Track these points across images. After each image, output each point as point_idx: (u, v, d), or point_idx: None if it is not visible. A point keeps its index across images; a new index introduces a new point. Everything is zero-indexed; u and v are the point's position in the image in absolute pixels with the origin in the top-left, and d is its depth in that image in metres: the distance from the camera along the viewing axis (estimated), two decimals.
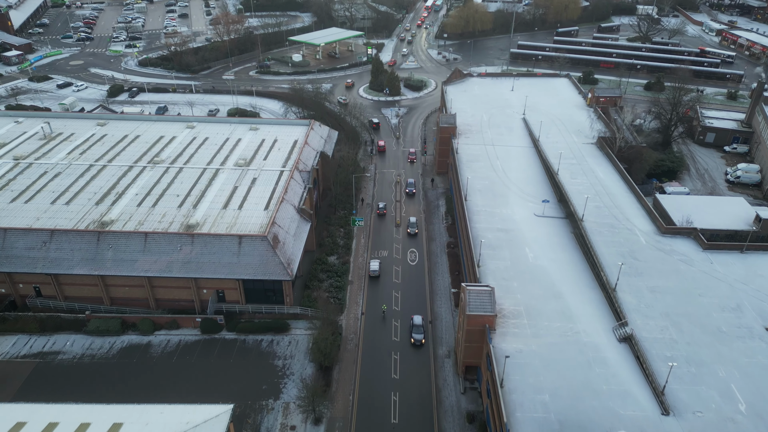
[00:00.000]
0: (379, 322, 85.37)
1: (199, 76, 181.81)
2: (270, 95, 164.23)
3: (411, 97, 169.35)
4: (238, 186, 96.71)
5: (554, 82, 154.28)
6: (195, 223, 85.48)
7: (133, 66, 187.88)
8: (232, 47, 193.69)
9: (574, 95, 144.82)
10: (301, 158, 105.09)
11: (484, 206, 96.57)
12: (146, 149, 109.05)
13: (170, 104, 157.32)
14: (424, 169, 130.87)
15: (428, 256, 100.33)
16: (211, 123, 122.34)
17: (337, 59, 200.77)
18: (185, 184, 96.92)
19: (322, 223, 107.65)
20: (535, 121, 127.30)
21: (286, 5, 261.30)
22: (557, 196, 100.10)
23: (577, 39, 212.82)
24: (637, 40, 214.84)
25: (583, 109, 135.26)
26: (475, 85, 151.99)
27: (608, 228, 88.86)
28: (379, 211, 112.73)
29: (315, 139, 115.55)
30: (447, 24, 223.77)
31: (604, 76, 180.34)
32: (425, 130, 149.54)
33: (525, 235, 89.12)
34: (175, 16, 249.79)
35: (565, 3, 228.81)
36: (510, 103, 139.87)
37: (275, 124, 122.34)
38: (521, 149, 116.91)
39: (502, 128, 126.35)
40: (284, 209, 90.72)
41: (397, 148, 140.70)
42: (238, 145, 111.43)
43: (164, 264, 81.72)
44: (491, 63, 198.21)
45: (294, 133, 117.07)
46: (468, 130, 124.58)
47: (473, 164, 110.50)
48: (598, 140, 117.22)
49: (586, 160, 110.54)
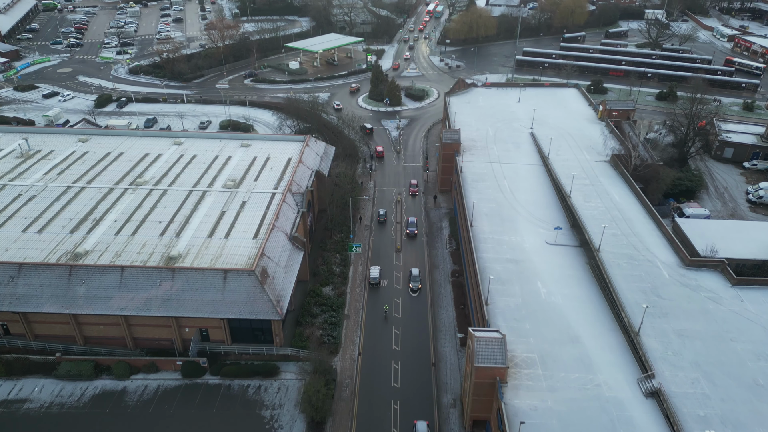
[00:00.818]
0: (377, 365, 78.13)
1: (191, 84, 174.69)
2: (265, 105, 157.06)
3: (412, 108, 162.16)
4: (225, 211, 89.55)
5: (563, 92, 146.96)
6: (177, 255, 78.28)
7: (123, 74, 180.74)
8: (226, 54, 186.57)
9: (584, 107, 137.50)
10: (294, 179, 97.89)
11: (492, 233, 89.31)
12: (129, 169, 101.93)
13: (160, 115, 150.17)
14: (426, 187, 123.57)
15: (431, 286, 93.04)
16: (200, 138, 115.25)
17: (335, 66, 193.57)
18: (169, 209, 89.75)
19: (317, 248, 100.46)
20: (543, 136, 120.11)
21: (283, 9, 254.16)
22: (570, 222, 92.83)
23: (584, 45, 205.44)
24: (647, 46, 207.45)
25: (595, 123, 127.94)
26: (480, 96, 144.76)
27: (627, 260, 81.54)
28: (380, 218, 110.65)
29: (310, 156, 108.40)
30: (449, 29, 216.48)
31: (613, 85, 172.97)
32: (427, 144, 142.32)
33: (536, 267, 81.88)
34: (169, 21, 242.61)
35: (572, 7, 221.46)
36: (517, 115, 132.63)
37: (268, 140, 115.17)
38: (530, 167, 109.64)
39: (509, 144, 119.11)
40: (275, 238, 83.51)
41: (398, 163, 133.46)
42: (227, 164, 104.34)
43: (142, 301, 74.51)
44: (495, 70, 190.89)
45: (288, 149, 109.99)
46: (473, 146, 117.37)
47: (479, 184, 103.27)
48: (612, 158, 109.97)
49: (600, 181, 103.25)
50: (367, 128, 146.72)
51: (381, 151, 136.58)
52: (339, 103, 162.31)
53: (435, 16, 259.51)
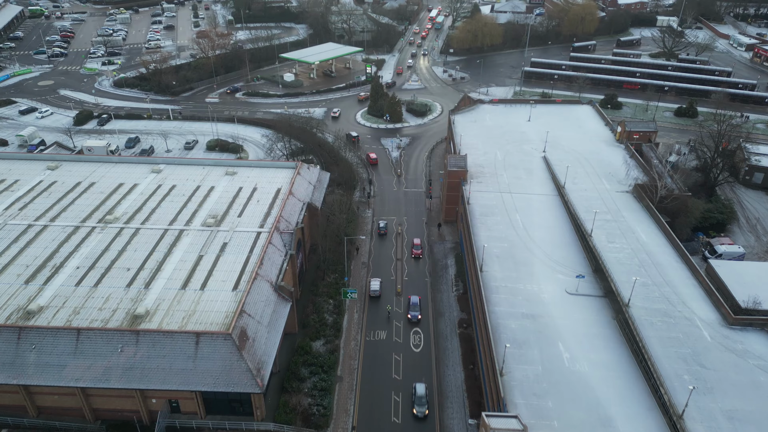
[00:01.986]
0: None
1: (179, 98, 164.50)
2: (256, 123, 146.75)
3: (414, 125, 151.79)
4: (203, 255, 79.18)
5: (576, 110, 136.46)
6: (144, 313, 67.89)
7: (107, 87, 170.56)
8: (217, 65, 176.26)
9: (600, 127, 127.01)
10: (282, 215, 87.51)
11: (504, 280, 78.93)
12: (100, 202, 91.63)
13: (143, 134, 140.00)
14: (429, 216, 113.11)
15: (436, 340, 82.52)
16: (181, 165, 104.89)
17: (333, 78, 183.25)
18: (139, 253, 79.36)
19: (308, 292, 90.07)
20: (558, 161, 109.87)
21: (280, 16, 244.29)
22: (592, 266, 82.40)
23: (595, 55, 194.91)
24: (661, 56, 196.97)
25: (613, 146, 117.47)
26: (487, 113, 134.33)
27: (661, 317, 71.05)
28: (380, 230, 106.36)
29: (302, 186, 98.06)
30: (453, 38, 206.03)
31: (628, 99, 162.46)
32: (430, 166, 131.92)
33: (557, 324, 71.44)
34: (160, 29, 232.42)
35: (581, 14, 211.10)
36: (527, 136, 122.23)
37: (256, 167, 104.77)
38: (544, 198, 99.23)
39: (520, 170, 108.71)
40: (258, 289, 73.11)
41: (399, 188, 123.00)
42: (210, 196, 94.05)
43: (100, 370, 64.09)
44: (502, 83, 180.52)
45: (277, 178, 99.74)
46: (480, 173, 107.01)
47: (488, 219, 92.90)
48: (635, 188, 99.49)
49: (623, 216, 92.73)
50: (353, 136, 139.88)
51: (375, 158, 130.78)
52: (338, 110, 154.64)
53: (435, 27, 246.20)
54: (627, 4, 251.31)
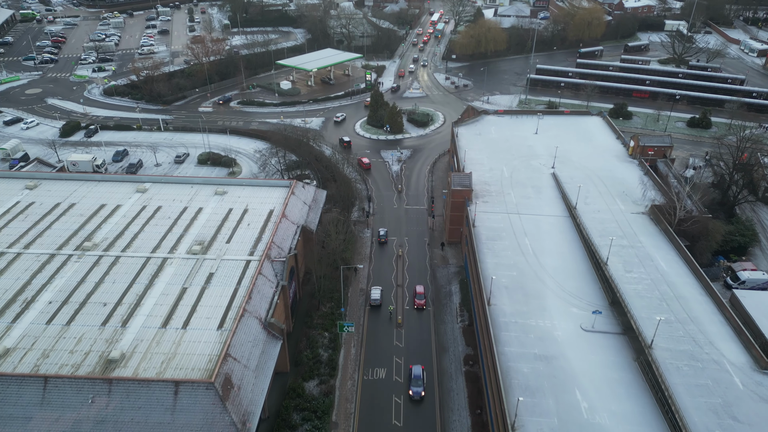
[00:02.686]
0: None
1: (171, 108, 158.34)
2: (251, 134, 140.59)
3: (415, 135, 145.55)
4: (187, 287, 73.02)
5: (586, 122, 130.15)
6: (118, 357, 61.68)
7: (97, 95, 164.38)
8: (211, 72, 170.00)
9: (612, 141, 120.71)
10: (274, 240, 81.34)
11: (514, 315, 72.66)
12: (79, 226, 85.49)
13: (132, 146, 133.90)
14: (432, 236, 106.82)
15: (440, 379, 76.22)
16: (168, 184, 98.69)
17: (331, 86, 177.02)
18: (118, 285, 73.21)
19: (301, 323, 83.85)
20: (567, 178, 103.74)
21: (277, 20, 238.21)
22: (608, 297, 76.10)
23: (603, 62, 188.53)
24: (671, 62, 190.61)
25: (626, 162, 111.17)
26: (492, 125, 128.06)
27: (687, 359, 64.74)
28: (381, 238, 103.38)
29: (296, 207, 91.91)
30: (456, 44, 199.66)
31: (638, 109, 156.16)
32: (432, 180, 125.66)
33: (573, 366, 65.17)
34: (154, 33, 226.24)
35: (588, 19, 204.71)
36: (535, 150, 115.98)
37: (248, 186, 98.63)
38: (555, 220, 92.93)
39: (528, 188, 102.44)
40: (245, 327, 66.92)
41: (399, 205, 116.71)
42: (197, 218, 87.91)
43: (69, 423, 57.85)
44: (506, 90, 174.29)
45: (270, 198, 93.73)
46: (486, 191, 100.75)
47: (495, 244, 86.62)
48: (651, 209, 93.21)
49: (640, 241, 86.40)
50: (345, 141, 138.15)
51: (368, 163, 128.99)
52: (342, 115, 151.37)
53: (435, 34, 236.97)
54: (634, 8, 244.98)
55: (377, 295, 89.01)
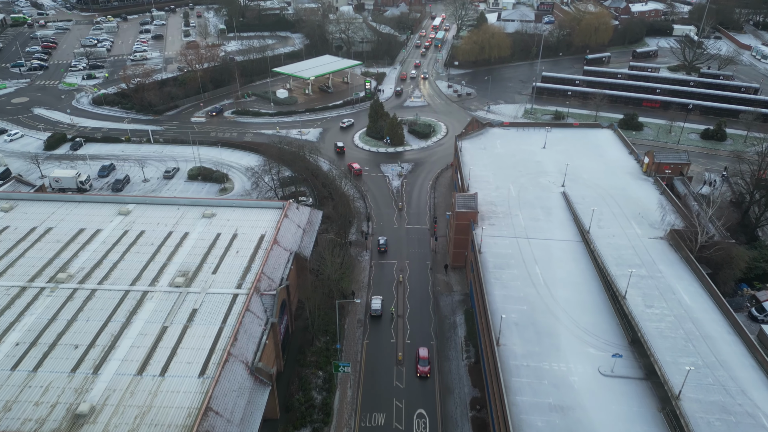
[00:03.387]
0: None
1: (162, 118, 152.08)
2: (244, 147, 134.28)
3: (417, 148, 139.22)
4: (168, 326, 66.76)
5: (596, 135, 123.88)
6: (87, 411, 55.50)
7: (85, 104, 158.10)
8: (205, 80, 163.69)
9: (624, 156, 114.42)
10: (264, 271, 75.07)
11: (526, 357, 66.39)
12: (54, 254, 79.28)
13: (120, 160, 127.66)
14: (434, 260, 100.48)
15: (444, 426, 69.77)
16: (153, 206, 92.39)
17: (330, 94, 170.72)
18: (92, 323, 66.99)
19: (293, 361, 77.48)
20: (579, 198, 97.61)
21: (275, 25, 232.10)
22: (628, 336, 69.82)
23: (610, 69, 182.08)
24: (681, 69, 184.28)
25: (640, 180, 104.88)
26: (497, 139, 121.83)
27: (719, 412, 58.42)
28: (381, 247, 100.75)
29: (289, 232, 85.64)
30: (458, 50, 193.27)
31: (649, 119, 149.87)
32: (434, 197, 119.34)
33: (592, 419, 58.91)
34: (148, 39, 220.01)
35: (595, 24, 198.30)
36: (543, 166, 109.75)
37: (238, 207, 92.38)
38: (566, 245, 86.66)
39: (537, 209, 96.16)
40: (230, 374, 60.64)
41: (400, 224, 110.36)
42: (182, 245, 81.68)
43: None
44: (511, 99, 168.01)
45: (262, 221, 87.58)
46: (492, 212, 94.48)
47: (503, 273, 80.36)
48: (670, 234, 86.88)
49: (660, 270, 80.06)
50: (338, 146, 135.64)
51: (358, 168, 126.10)
52: (350, 120, 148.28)
53: (435, 43, 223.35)
54: (641, 12, 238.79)
55: (378, 305, 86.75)
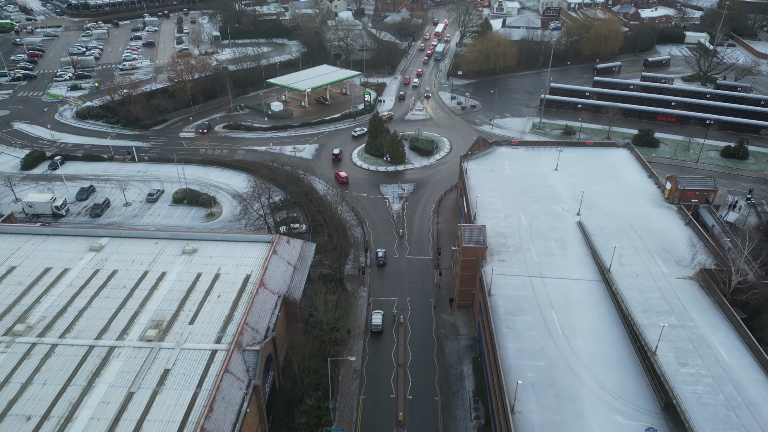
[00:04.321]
0: None
1: (149, 133, 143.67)
2: (235, 166, 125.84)
3: (419, 166, 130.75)
4: (135, 392, 58.35)
5: (611, 155, 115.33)
6: None
7: (68, 118, 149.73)
8: (195, 92, 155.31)
9: (643, 179, 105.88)
10: (248, 321, 66.72)
11: (545, 426, 58.11)
12: (15, 299, 71.14)
13: (101, 181, 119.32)
14: (438, 296, 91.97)
15: None
16: (128, 240, 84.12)
17: (327, 107, 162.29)
18: (49, 388, 58.64)
19: (279, 424, 68.88)
20: (596, 229, 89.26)
21: (271, 31, 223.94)
22: (660, 401, 61.28)
23: (622, 80, 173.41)
24: (695, 79, 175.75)
25: (662, 207, 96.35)
26: (506, 159, 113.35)
27: None
28: (379, 260, 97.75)
29: (277, 271, 77.27)
30: (462, 59, 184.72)
31: (665, 135, 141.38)
32: (438, 222, 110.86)
33: None
34: (139, 46, 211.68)
35: (605, 32, 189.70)
36: (556, 192, 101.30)
37: (222, 242, 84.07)
38: (585, 286, 78.19)
39: (551, 241, 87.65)
40: None
41: (401, 254, 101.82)
42: (158, 287, 73.44)
43: None
44: (518, 112, 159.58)
45: (248, 257, 79.48)
46: (502, 246, 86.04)
47: (516, 320, 71.93)
48: (700, 273, 78.35)
49: (692, 318, 71.54)
50: (335, 154, 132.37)
51: (345, 176, 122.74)
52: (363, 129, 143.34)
53: (435, 57, 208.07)
54: (651, 18, 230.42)
55: (378, 320, 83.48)
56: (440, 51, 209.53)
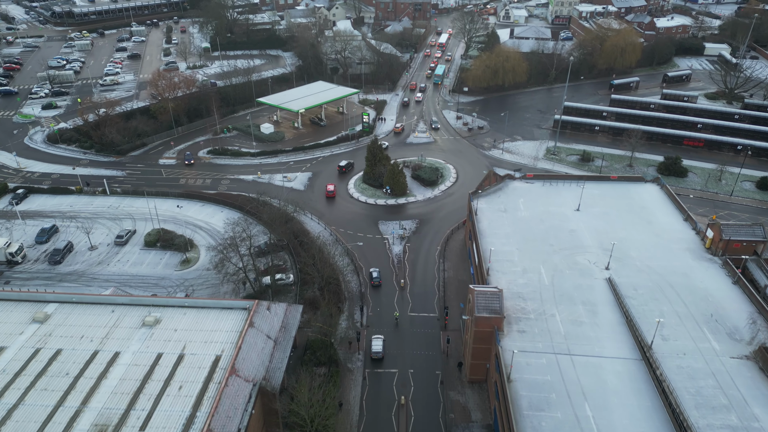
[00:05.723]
0: None
1: (126, 159, 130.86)
2: (217, 200, 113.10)
3: (422, 198, 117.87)
4: None
5: (638, 191, 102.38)
6: None
7: (38, 143, 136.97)
8: (179, 112, 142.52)
9: (678, 223, 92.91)
10: (212, 427, 53.84)
11: None
12: None
13: (66, 218, 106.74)
14: (446, 367, 78.98)
15: None
16: (79, 306, 71.54)
17: (322, 128, 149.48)
18: None
19: None
20: (630, 289, 76.87)
21: (265, 42, 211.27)
22: None
23: (641, 98, 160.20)
24: (720, 97, 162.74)
25: (704, 260, 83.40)
26: (520, 197, 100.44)
27: None
28: (374, 282, 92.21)
29: (254, 349, 64.53)
30: (469, 74, 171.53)
31: (693, 162, 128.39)
32: (444, 269, 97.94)
33: None
34: (123, 58, 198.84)
35: (621, 45, 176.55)
36: (580, 238, 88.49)
37: (191, 308, 71.37)
38: (622, 367, 65.46)
39: (578, 305, 74.82)
40: None
41: (402, 309, 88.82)
42: (108, 374, 60.96)
43: None
44: (529, 134, 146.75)
45: (219, 331, 67.01)
46: (521, 311, 73.30)
47: (542, 417, 59.37)
48: (759, 352, 65.45)
49: (756, 417, 58.74)
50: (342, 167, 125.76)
51: (332, 191, 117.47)
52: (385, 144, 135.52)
53: (435, 81, 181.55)
54: (667, 28, 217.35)
55: (379, 347, 78.20)
56: (440, 74, 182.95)
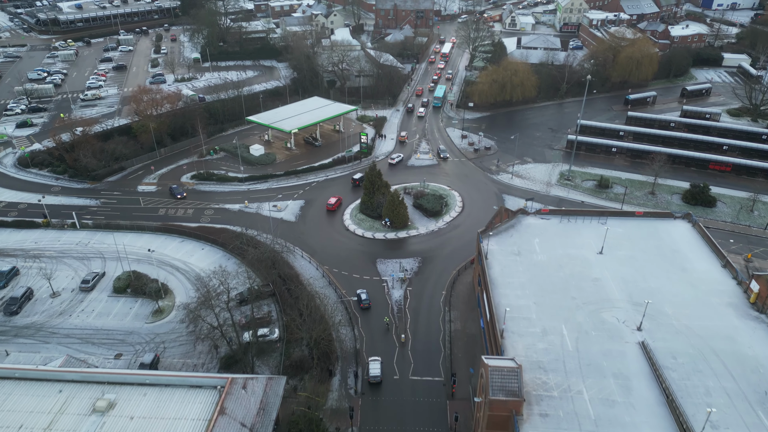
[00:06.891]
0: None
1: (102, 185, 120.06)
2: (199, 235, 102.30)
3: (425, 232, 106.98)
4: None
5: (668, 231, 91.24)
6: None
7: (8, 167, 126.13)
8: (161, 133, 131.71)
9: (716, 270, 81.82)
10: None
11: None
12: None
13: (28, 259, 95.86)
14: None
15: None
16: (20, 384, 60.54)
17: (317, 149, 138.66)
18: None
19: None
20: (667, 356, 66.33)
21: (258, 53, 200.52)
22: None
23: (660, 115, 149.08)
24: (743, 114, 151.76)
25: (749, 319, 72.46)
26: (535, 236, 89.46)
27: None
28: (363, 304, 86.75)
29: None
30: (474, 89, 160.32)
31: (720, 190, 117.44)
32: (451, 320, 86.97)
33: None
34: (108, 69, 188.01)
35: (637, 57, 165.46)
36: (605, 289, 77.61)
37: (151, 386, 60.39)
38: None
39: (609, 378, 63.92)
40: None
41: (402, 373, 77.75)
42: None
43: None
44: (540, 155, 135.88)
45: (184, 419, 56.40)
46: (542, 386, 62.37)
47: None
48: None
49: None
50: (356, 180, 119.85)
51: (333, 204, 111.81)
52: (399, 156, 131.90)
53: (435, 104, 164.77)
54: (682, 37, 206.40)
55: (377, 370, 74.05)
56: (440, 96, 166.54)
